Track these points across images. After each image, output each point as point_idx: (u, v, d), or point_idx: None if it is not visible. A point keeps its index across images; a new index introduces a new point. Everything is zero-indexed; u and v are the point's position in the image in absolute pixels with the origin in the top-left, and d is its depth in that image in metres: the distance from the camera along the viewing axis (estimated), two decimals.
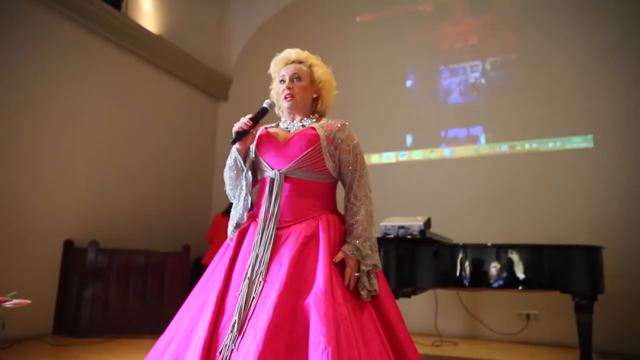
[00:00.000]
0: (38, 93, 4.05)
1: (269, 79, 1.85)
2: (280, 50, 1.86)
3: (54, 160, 4.17)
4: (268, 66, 1.85)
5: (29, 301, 1.89)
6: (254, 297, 1.47)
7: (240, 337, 1.40)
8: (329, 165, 1.66)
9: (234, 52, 6.34)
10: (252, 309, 1.45)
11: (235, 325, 1.42)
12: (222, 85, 6.27)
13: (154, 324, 4.11)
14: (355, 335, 1.43)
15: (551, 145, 4.56)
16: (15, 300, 1.64)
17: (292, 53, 1.79)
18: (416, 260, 2.94)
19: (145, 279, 4.29)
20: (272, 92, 1.86)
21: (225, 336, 1.42)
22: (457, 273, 2.94)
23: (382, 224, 3.07)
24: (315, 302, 1.39)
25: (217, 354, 1.40)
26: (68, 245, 4.19)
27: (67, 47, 4.30)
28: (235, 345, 1.39)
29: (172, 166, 5.49)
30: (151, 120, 5.25)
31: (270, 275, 1.49)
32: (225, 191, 1.79)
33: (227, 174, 1.75)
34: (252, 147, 1.74)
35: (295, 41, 1.85)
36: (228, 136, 1.69)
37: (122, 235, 4.65)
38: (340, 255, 1.58)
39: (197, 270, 5.17)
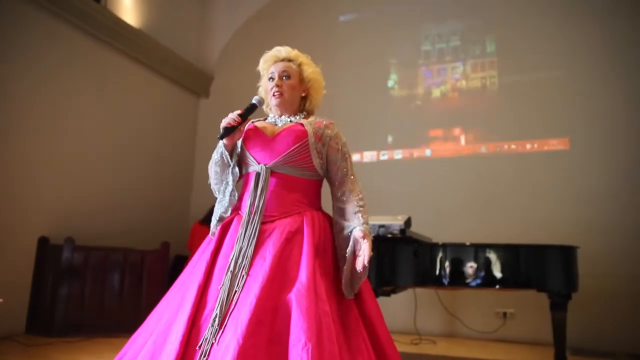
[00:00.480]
0: (11, 86, 3.94)
1: (250, 76, 1.85)
2: (262, 48, 1.86)
3: (29, 155, 4.06)
4: (250, 63, 1.84)
5: (0, 300, 1.84)
6: (236, 291, 1.46)
7: (221, 331, 1.39)
8: (316, 162, 1.67)
9: (216, 48, 6.28)
10: (233, 303, 1.44)
11: (216, 319, 1.41)
12: (203, 82, 6.21)
13: (132, 323, 4.01)
14: (337, 332, 1.43)
15: (529, 146, 4.65)
16: None
17: (281, 51, 1.80)
18: (396, 259, 2.96)
19: (123, 276, 4.21)
20: (260, 89, 1.86)
21: (206, 330, 1.41)
22: (437, 272, 2.97)
23: None
24: (297, 298, 1.39)
25: (197, 347, 1.39)
26: (43, 242, 4.09)
27: (43, 39, 4.19)
28: (215, 339, 1.38)
29: (152, 162, 5.41)
30: (130, 115, 5.16)
31: (253, 269, 1.48)
32: (209, 185, 1.77)
33: (212, 168, 1.74)
34: (239, 141, 1.74)
35: (278, 39, 1.85)
36: (209, 133, 1.69)
37: (99, 232, 4.56)
38: (359, 234, 1.55)
39: (177, 267, 5.10)
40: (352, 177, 1.69)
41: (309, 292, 1.41)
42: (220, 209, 1.72)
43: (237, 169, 1.71)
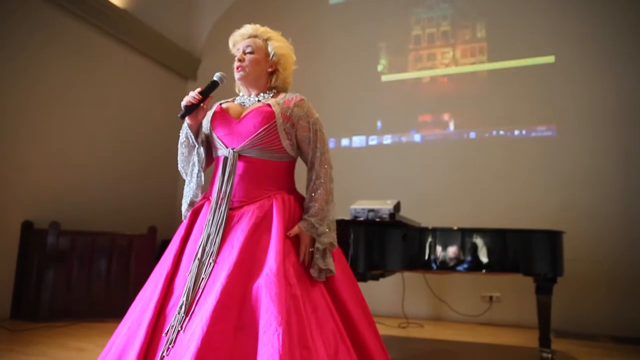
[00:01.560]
0: None
1: None
2: None
3: (12, 139, 3.97)
4: None
5: None
6: (203, 278, 1.44)
7: (187, 318, 1.38)
8: (285, 143, 1.62)
9: (203, 31, 6.17)
10: (200, 290, 1.42)
11: (183, 307, 1.40)
12: (191, 64, 6.10)
13: (119, 308, 3.99)
14: (308, 316, 1.41)
15: (517, 133, 4.67)
16: None
17: (248, 28, 1.75)
18: (385, 243, 2.97)
19: (110, 261, 4.18)
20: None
21: (172, 317, 1.40)
22: (425, 256, 2.99)
23: (352, 207, 3.08)
24: (266, 284, 1.37)
25: (164, 334, 1.39)
26: (27, 226, 4.03)
27: (28, 21, 4.07)
28: (182, 327, 1.37)
29: (138, 145, 5.33)
30: (116, 98, 5.06)
31: (221, 256, 1.46)
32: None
33: (180, 149, 1.71)
34: (207, 123, 1.69)
35: (266, 21, 1.80)
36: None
37: (85, 217, 4.50)
38: (295, 230, 1.56)
39: (163, 252, 5.07)
40: (323, 157, 1.62)
41: (279, 277, 1.38)
42: (189, 192, 1.69)
43: (202, 149, 1.68)
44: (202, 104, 1.62)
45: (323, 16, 5.56)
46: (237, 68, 1.68)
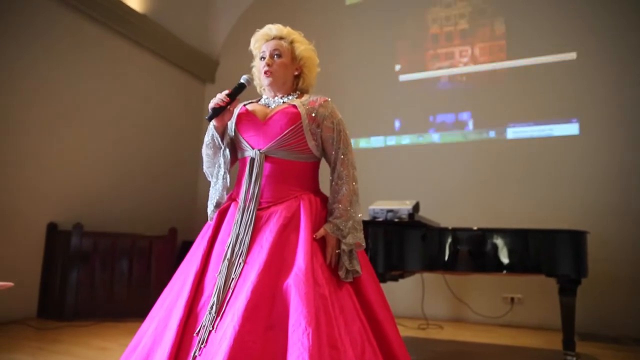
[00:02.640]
0: (19, 75, 3.93)
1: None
2: None
3: (38, 143, 4.08)
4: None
5: (11, 284, 1.85)
6: (233, 278, 1.45)
7: (218, 318, 1.39)
8: (311, 144, 1.63)
9: (221, 34, 6.23)
10: (231, 290, 1.43)
11: (214, 307, 1.41)
12: (209, 67, 6.17)
13: (140, 308, 4.06)
14: (336, 316, 1.42)
15: (538, 131, 4.59)
16: None
17: (272, 29, 1.75)
18: (404, 243, 2.95)
19: (131, 262, 4.25)
20: (253, 69, 1.81)
21: (203, 317, 1.41)
22: (445, 257, 2.96)
23: (371, 207, 3.07)
24: (295, 283, 1.38)
25: (195, 334, 1.40)
26: (51, 228, 4.12)
27: (48, 26, 4.17)
28: (213, 327, 1.38)
29: (158, 148, 5.41)
30: (136, 101, 5.15)
31: (251, 256, 1.47)
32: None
33: (205, 151, 1.72)
34: (232, 125, 1.70)
35: (283, 23, 1.80)
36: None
37: (107, 219, 4.59)
38: (321, 232, 1.57)
39: (184, 253, 5.13)
40: (345, 157, 1.63)
41: (307, 277, 1.40)
42: (215, 193, 1.69)
43: (227, 151, 1.68)
44: (229, 106, 1.63)
45: (339, 17, 5.56)
46: (266, 73, 1.68)
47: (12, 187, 3.86)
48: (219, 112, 1.61)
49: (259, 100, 1.77)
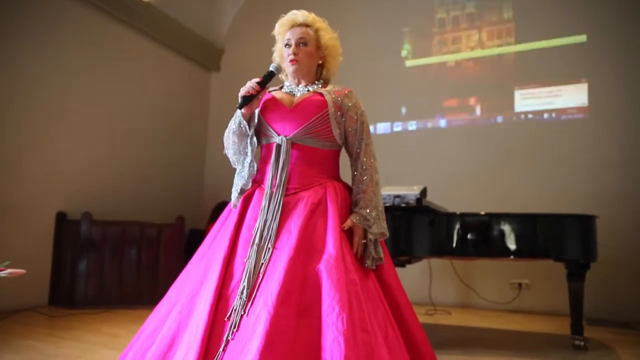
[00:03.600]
0: (27, 65, 3.93)
1: (261, 48, 1.81)
2: (272, 20, 1.81)
3: (46, 132, 4.09)
4: (260, 35, 1.79)
5: (23, 271, 1.87)
6: (262, 264, 1.46)
7: (249, 302, 1.40)
8: (336, 132, 1.64)
9: (226, 22, 6.18)
10: (261, 275, 1.44)
11: (244, 291, 1.42)
12: (214, 55, 6.14)
13: (149, 295, 4.12)
14: (365, 300, 1.45)
15: (546, 116, 4.54)
16: (9, 270, 1.62)
17: (298, 15, 1.74)
18: (412, 228, 2.95)
19: (139, 250, 4.28)
20: (275, 54, 1.81)
21: (233, 302, 1.42)
22: (453, 242, 2.95)
23: None
24: (327, 269, 1.39)
25: (226, 319, 1.40)
26: (61, 217, 4.16)
27: (53, 16, 4.16)
28: (245, 311, 1.39)
29: (165, 137, 5.41)
30: (142, 90, 5.15)
31: (280, 242, 1.49)
32: (224, 156, 1.75)
33: (230, 138, 1.69)
34: (256, 111, 1.70)
35: (288, 10, 1.79)
36: (221, 106, 1.67)
37: (115, 207, 4.61)
38: (348, 223, 1.58)
39: (192, 241, 5.17)
40: (368, 148, 1.66)
41: (338, 262, 1.41)
42: (240, 180, 1.69)
43: (255, 138, 1.69)
44: (259, 95, 1.63)
45: (345, 2, 5.49)
46: (292, 61, 1.69)
47: (21, 176, 3.89)
48: (250, 100, 1.61)
49: (282, 87, 1.78)
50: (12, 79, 3.84)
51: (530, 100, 4.60)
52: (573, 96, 4.44)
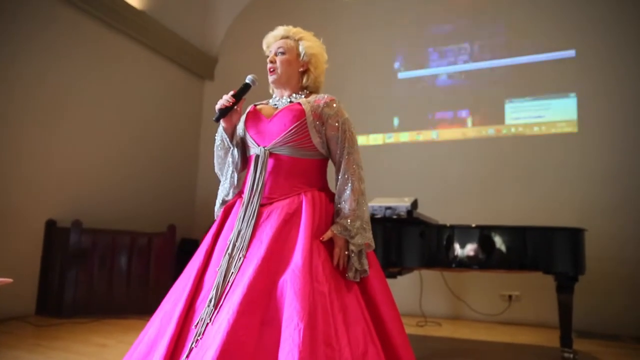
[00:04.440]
0: (17, 73, 3.92)
1: (254, 58, 1.83)
2: (266, 29, 1.82)
3: (36, 139, 4.07)
4: (254, 45, 1.81)
5: (10, 280, 1.85)
6: (232, 273, 1.47)
7: (216, 311, 1.41)
8: (316, 141, 1.63)
9: (220, 31, 6.22)
10: (229, 284, 1.45)
11: (212, 300, 1.43)
12: (208, 64, 6.16)
13: (139, 305, 4.09)
14: (334, 314, 1.41)
15: (536, 129, 4.60)
16: None
17: (280, 29, 1.78)
18: (403, 240, 2.96)
19: (130, 259, 4.25)
20: None
21: (202, 310, 1.44)
22: (443, 253, 2.97)
23: (370, 204, 3.07)
24: (291, 279, 1.38)
25: (194, 326, 1.43)
26: (50, 225, 4.12)
27: (47, 23, 4.16)
28: (210, 319, 1.40)
29: (157, 145, 5.40)
30: (135, 98, 5.14)
31: (250, 251, 1.49)
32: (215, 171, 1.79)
33: (216, 152, 1.75)
34: (241, 124, 1.73)
35: (282, 20, 1.82)
36: (213, 116, 1.67)
37: (106, 215, 4.58)
38: (328, 234, 1.55)
39: (183, 250, 5.14)
40: (350, 157, 1.62)
41: (304, 273, 1.39)
42: (222, 191, 1.73)
43: (236, 151, 1.71)
44: (235, 107, 1.65)
45: (339, 13, 5.55)
46: (270, 71, 1.71)
47: (11, 184, 3.86)
48: (226, 112, 1.63)
49: (268, 101, 1.79)
50: (3, 87, 3.82)
51: (520, 113, 4.66)
52: (562, 109, 4.51)
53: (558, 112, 4.52)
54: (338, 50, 5.33)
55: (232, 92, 1.65)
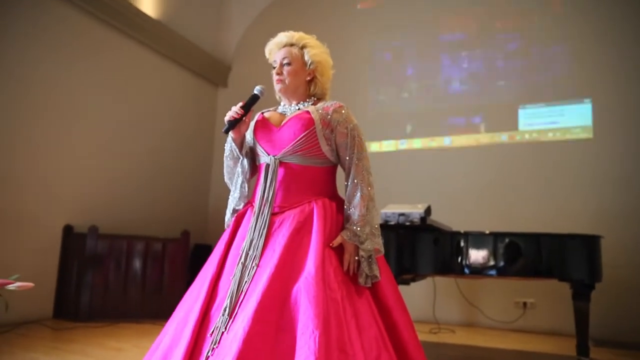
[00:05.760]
0: (36, 79, 4.01)
1: (268, 65, 1.82)
2: None
3: (54, 145, 4.15)
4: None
5: (32, 284, 1.89)
6: (246, 282, 1.48)
7: (231, 320, 1.43)
8: (325, 149, 1.64)
9: (234, 38, 6.29)
10: (243, 293, 1.46)
11: (227, 309, 1.45)
12: (221, 72, 6.23)
13: (153, 309, 4.14)
14: (347, 320, 1.42)
15: (550, 135, 4.57)
16: (18, 283, 1.64)
17: (283, 37, 1.75)
18: (416, 247, 2.96)
19: (144, 264, 4.30)
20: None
21: (217, 319, 1.45)
22: (457, 260, 2.96)
23: (383, 211, 3.08)
24: (305, 287, 1.40)
25: (209, 335, 1.44)
26: (67, 230, 4.19)
27: (66, 32, 4.25)
28: (225, 328, 1.42)
29: (171, 152, 5.47)
30: (150, 106, 5.22)
31: (263, 260, 1.50)
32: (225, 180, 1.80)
33: (225, 162, 1.77)
34: (250, 133, 1.73)
35: (295, 27, 1.81)
36: (227, 122, 1.68)
37: (121, 221, 4.65)
38: (338, 240, 1.57)
39: (196, 255, 5.18)
40: (360, 163, 1.62)
41: (317, 280, 1.41)
42: (232, 201, 1.73)
43: (245, 160, 1.73)
44: (244, 118, 1.66)
45: (351, 20, 5.58)
46: (277, 81, 1.71)
47: (30, 191, 3.94)
48: (235, 124, 1.64)
49: (276, 108, 1.79)
50: (20, 94, 3.92)
51: (534, 119, 4.63)
52: (577, 115, 4.47)
53: (573, 118, 4.49)
54: (351, 57, 5.36)
55: (240, 104, 1.66)
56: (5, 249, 3.69)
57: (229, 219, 1.72)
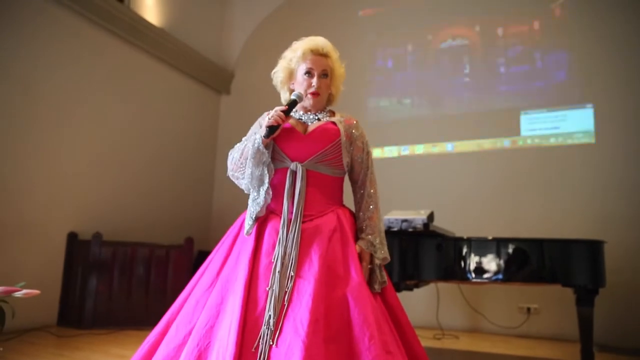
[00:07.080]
0: (40, 86, 4.05)
1: (270, 72, 1.81)
2: (281, 44, 1.83)
3: (58, 153, 4.18)
4: (270, 59, 1.82)
5: (38, 291, 1.90)
6: (285, 292, 1.46)
7: (277, 332, 1.38)
8: (345, 160, 1.70)
9: (236, 46, 6.33)
10: (285, 304, 1.43)
11: (271, 320, 1.40)
12: (224, 79, 6.27)
13: (157, 316, 4.11)
14: (384, 323, 1.51)
15: (553, 140, 4.57)
16: (25, 290, 1.65)
17: (320, 43, 1.73)
18: (419, 253, 2.96)
19: (148, 271, 4.31)
20: (277, 72, 1.78)
21: (259, 332, 1.39)
22: (460, 266, 2.96)
23: (386, 217, 3.09)
24: (353, 295, 1.44)
25: (253, 349, 1.37)
26: (72, 237, 4.21)
27: (69, 39, 4.30)
28: (273, 341, 1.37)
29: (175, 159, 5.50)
30: (153, 113, 5.26)
31: (302, 270, 1.49)
32: (228, 176, 1.75)
33: (241, 159, 1.65)
34: None
35: (297, 35, 1.83)
36: (230, 129, 1.70)
37: (125, 228, 4.67)
38: (357, 250, 1.63)
39: (200, 262, 5.19)
40: (372, 176, 1.75)
41: (364, 288, 1.49)
42: (255, 207, 1.61)
43: (272, 166, 1.65)
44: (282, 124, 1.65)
45: (353, 28, 5.61)
46: (313, 94, 1.69)
47: (34, 198, 3.97)
48: (276, 130, 1.60)
49: (293, 114, 1.76)
50: (26, 103, 3.95)
51: (536, 124, 4.64)
52: (579, 120, 4.48)
53: (575, 123, 4.50)
54: (353, 64, 5.35)
55: (282, 109, 1.62)
56: (10, 256, 3.71)
57: (250, 226, 1.61)
